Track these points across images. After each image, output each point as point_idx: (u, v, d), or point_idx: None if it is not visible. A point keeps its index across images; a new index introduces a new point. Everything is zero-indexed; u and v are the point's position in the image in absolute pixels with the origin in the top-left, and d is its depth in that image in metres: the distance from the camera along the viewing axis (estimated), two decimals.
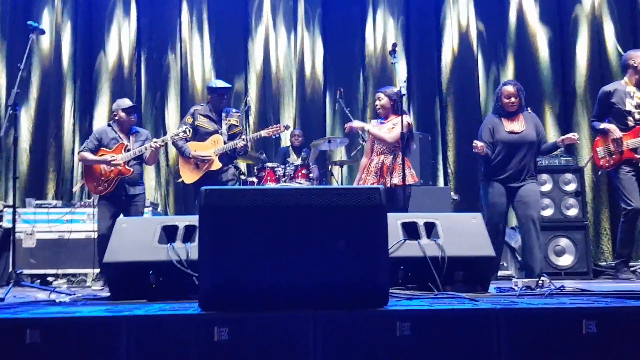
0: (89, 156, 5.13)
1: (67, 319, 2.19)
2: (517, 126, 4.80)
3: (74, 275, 5.94)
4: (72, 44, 7.59)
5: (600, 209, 7.31)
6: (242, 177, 6.12)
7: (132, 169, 5.10)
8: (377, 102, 4.96)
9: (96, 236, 5.11)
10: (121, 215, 4.99)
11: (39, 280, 5.81)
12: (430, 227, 3.26)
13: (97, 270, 5.33)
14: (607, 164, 5.02)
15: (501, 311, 2.22)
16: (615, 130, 4.96)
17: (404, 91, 3.99)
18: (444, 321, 2.21)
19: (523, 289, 3.31)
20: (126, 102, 5.31)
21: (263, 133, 5.59)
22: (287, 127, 5.85)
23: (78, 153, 5.53)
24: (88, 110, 7.56)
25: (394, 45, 4.29)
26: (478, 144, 4.72)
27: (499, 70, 7.76)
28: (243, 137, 5.43)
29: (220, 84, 5.65)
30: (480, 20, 7.84)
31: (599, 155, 5.07)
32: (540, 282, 3.48)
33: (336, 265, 2.28)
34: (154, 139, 5.18)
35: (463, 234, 3.24)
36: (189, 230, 3.13)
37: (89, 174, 5.18)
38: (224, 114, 5.56)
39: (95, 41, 7.67)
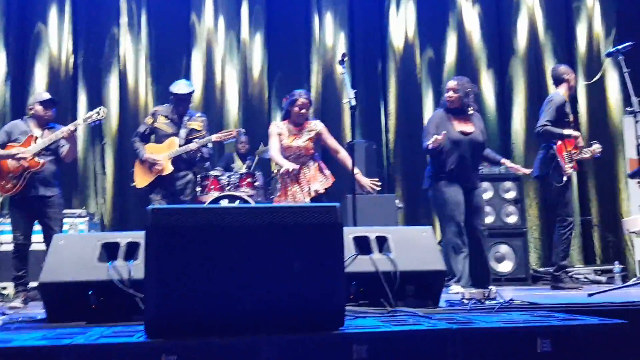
0: None
1: (1, 350, 2.02)
2: (467, 127, 4.67)
3: (4, 288, 5.61)
4: (4, 48, 7.26)
5: (535, 215, 7.53)
6: None
7: (41, 162, 4.66)
8: (305, 110, 4.66)
9: (12, 247, 4.72)
10: (57, 234, 4.66)
11: None
12: (382, 241, 3.22)
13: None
14: (570, 170, 4.93)
15: (457, 331, 2.21)
16: (580, 138, 4.97)
17: (353, 102, 3.94)
18: (401, 342, 2.17)
19: (472, 301, 3.31)
20: (43, 95, 4.94)
21: (214, 137, 5.23)
22: (240, 133, 5.49)
23: None
24: (20, 114, 7.15)
25: (344, 55, 4.22)
26: (438, 137, 4.40)
27: (441, 78, 7.86)
28: (196, 140, 5.16)
29: (178, 89, 5.26)
30: (423, 28, 7.92)
31: (565, 160, 4.91)
32: (487, 293, 3.50)
33: (291, 286, 2.19)
34: (66, 127, 4.72)
35: (414, 248, 3.21)
36: (131, 247, 2.98)
37: None
38: (186, 117, 5.26)
39: (29, 45, 7.34)
